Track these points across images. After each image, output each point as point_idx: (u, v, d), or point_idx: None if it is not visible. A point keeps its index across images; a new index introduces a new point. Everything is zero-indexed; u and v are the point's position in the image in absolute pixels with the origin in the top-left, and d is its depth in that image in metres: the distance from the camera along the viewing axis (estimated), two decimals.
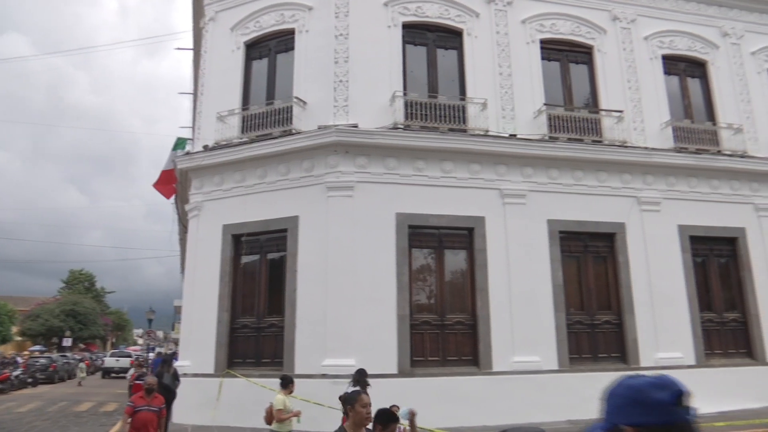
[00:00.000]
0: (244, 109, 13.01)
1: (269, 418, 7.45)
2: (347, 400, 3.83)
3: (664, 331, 12.72)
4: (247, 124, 12.77)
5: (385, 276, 11.57)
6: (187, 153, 14.27)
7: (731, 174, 14.16)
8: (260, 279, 12.40)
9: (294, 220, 11.91)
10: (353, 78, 12.43)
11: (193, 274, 12.76)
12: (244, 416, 10.65)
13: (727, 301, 13.82)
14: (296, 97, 12.48)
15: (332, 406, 8.73)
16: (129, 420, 7.08)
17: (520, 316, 11.90)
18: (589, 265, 12.99)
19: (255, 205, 12.26)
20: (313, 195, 11.89)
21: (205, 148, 12.90)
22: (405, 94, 12.54)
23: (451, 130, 12.42)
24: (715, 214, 13.82)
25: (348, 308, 11.22)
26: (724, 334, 13.56)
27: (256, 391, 10.63)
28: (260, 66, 13.68)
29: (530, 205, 12.56)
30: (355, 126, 11.96)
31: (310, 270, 11.56)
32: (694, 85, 15.27)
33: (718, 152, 14.20)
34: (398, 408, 6.66)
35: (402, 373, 11.08)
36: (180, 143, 16.86)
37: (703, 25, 15.40)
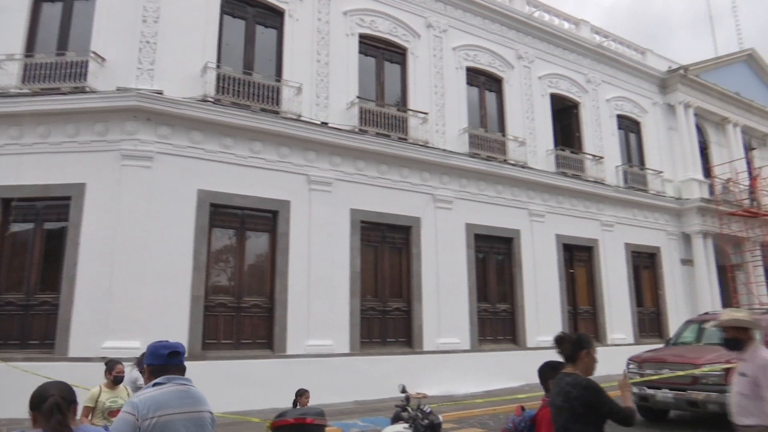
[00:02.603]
0: (27, 56, 11.38)
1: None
2: (582, 342, 3.42)
3: (447, 318, 13.93)
4: (29, 74, 11.18)
5: (181, 254, 11.00)
6: None
7: (513, 181, 15.95)
8: (33, 251, 10.96)
9: (80, 187, 10.75)
10: (162, 41, 11.57)
11: None
12: (1, 405, 9.38)
13: (500, 293, 15.56)
14: (94, 52, 11.26)
15: None
16: None
17: (317, 301, 12.15)
18: (386, 254, 13.71)
19: (33, 166, 10.80)
20: (105, 162, 10.85)
21: None
22: (218, 67, 12.01)
23: (263, 110, 12.19)
24: (497, 215, 15.48)
25: (137, 286, 10.47)
26: (495, 323, 15.25)
27: (18, 377, 9.40)
28: (52, 10, 12.07)
29: (335, 193, 12.86)
30: (160, 93, 11.16)
31: (95, 243, 10.54)
32: (490, 98, 16.87)
33: (505, 161, 15.89)
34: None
35: (192, 356, 10.61)
36: None
37: (503, 45, 17.10)
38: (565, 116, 18.89)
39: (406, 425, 5.81)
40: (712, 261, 20.06)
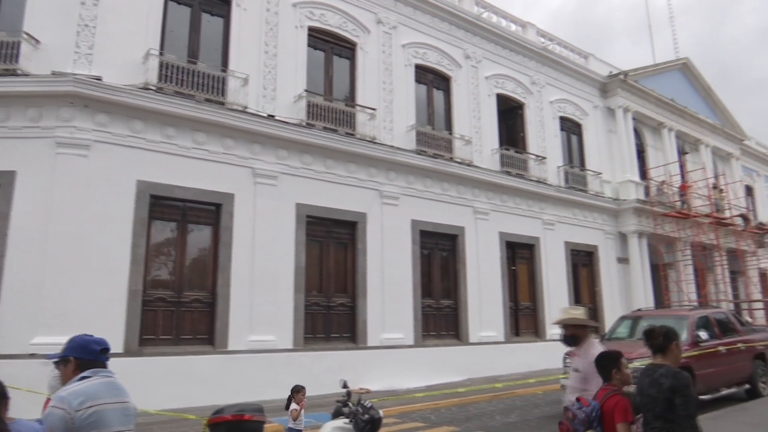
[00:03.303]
0: None
1: None
2: (672, 334, 3.64)
3: (391, 314, 14.00)
4: None
5: (118, 247, 10.62)
6: None
7: (459, 179, 16.16)
8: None
9: (9, 175, 10.21)
10: (102, 25, 11.13)
11: None
12: None
13: (444, 289, 15.76)
14: (27, 33, 10.71)
15: (36, 390, 7.73)
16: None
17: (260, 296, 11.98)
18: (331, 250, 13.66)
19: None
20: (38, 150, 10.34)
21: None
22: (161, 54, 11.65)
23: (208, 100, 11.91)
24: (442, 212, 15.66)
25: (70, 280, 10.03)
26: (438, 318, 15.44)
27: None
28: None
29: (281, 187, 12.70)
30: (99, 78, 10.73)
31: (26, 235, 10.04)
32: (438, 96, 17.04)
33: (451, 159, 16.07)
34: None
35: (129, 352, 10.32)
36: None
37: (451, 44, 17.29)
38: (511, 116, 19.28)
39: (347, 420, 5.80)
40: (646, 260, 20.93)
